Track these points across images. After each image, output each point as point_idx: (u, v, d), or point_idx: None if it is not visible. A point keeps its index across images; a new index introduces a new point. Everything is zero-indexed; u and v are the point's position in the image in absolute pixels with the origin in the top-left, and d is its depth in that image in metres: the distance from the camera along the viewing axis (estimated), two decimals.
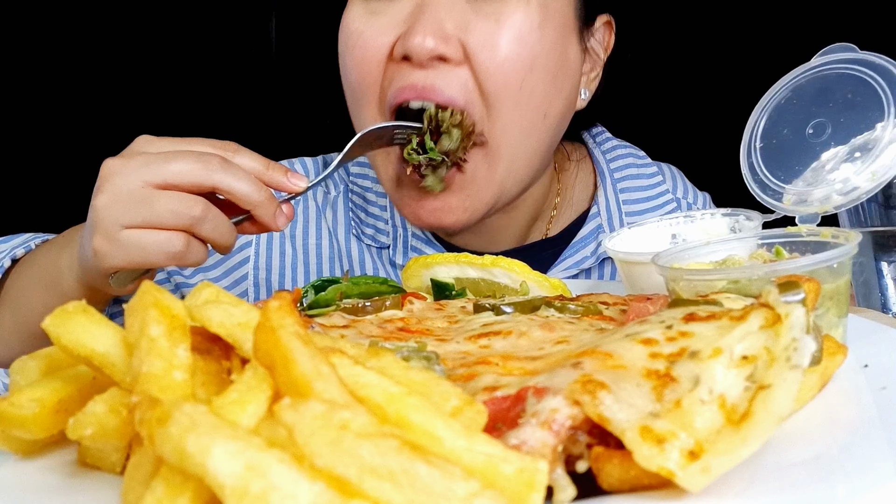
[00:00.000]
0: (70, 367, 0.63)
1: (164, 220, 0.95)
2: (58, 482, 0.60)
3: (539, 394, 0.54)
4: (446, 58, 1.16)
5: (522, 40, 1.19)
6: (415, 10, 1.18)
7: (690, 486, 0.49)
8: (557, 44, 1.24)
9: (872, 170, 0.94)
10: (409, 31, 1.16)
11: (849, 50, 1.01)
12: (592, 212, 1.52)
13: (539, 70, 1.21)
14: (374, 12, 1.22)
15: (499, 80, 1.18)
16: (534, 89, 1.22)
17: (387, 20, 1.20)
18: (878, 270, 1.20)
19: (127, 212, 0.95)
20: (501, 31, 1.18)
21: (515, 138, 1.24)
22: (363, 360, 0.54)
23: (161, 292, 0.57)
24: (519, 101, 1.21)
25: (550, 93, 1.25)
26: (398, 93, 1.19)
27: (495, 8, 1.19)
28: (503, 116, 1.21)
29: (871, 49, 1.00)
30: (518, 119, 1.22)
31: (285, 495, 0.40)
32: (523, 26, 1.19)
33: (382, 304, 0.87)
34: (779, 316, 0.58)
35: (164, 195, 0.95)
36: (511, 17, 1.19)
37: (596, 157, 1.59)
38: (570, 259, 1.48)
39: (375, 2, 1.22)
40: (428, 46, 1.15)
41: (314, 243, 1.49)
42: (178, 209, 0.95)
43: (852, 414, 0.63)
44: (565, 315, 0.80)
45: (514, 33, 1.19)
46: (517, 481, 0.45)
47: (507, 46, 1.18)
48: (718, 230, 1.08)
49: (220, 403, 0.49)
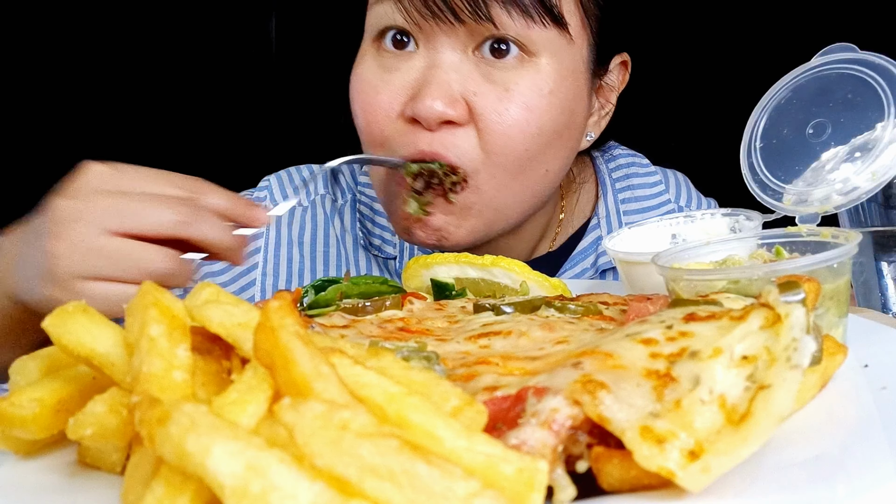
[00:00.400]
0: (70, 367, 0.63)
1: (128, 274, 0.89)
2: (58, 482, 0.60)
3: (539, 394, 0.54)
4: (453, 121, 1.18)
5: (530, 108, 1.19)
6: (425, 70, 1.20)
7: (690, 486, 0.49)
8: (566, 105, 1.24)
9: (872, 170, 0.94)
10: (419, 95, 1.17)
11: (849, 50, 1.01)
12: (592, 223, 1.53)
13: (545, 134, 1.22)
14: (387, 69, 1.24)
15: (503, 144, 1.19)
16: (537, 152, 1.22)
17: (399, 77, 1.22)
18: (878, 270, 1.20)
19: (87, 263, 0.89)
20: (510, 98, 1.18)
21: (510, 192, 1.25)
22: (363, 360, 0.54)
23: (161, 292, 0.57)
24: (520, 164, 1.22)
25: (555, 151, 1.26)
26: (403, 150, 1.21)
27: (505, 76, 1.19)
28: (500, 174, 1.22)
29: (871, 49, 1.00)
30: (516, 176, 1.23)
31: (285, 495, 0.40)
32: (532, 94, 1.19)
33: (382, 304, 0.87)
34: (779, 316, 0.57)
35: (129, 247, 0.89)
36: (520, 84, 1.19)
37: (598, 166, 1.59)
38: (571, 271, 1.49)
39: (389, 58, 1.24)
40: (437, 110, 1.16)
41: (322, 251, 1.50)
42: (144, 264, 0.89)
43: (852, 414, 0.63)
44: (565, 315, 0.80)
45: (522, 101, 1.19)
46: (517, 481, 0.45)
47: (515, 114, 1.18)
48: (718, 230, 1.08)
49: (220, 403, 0.49)
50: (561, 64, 1.21)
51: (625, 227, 1.13)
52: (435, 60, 1.19)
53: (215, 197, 0.97)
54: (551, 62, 1.20)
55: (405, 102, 1.21)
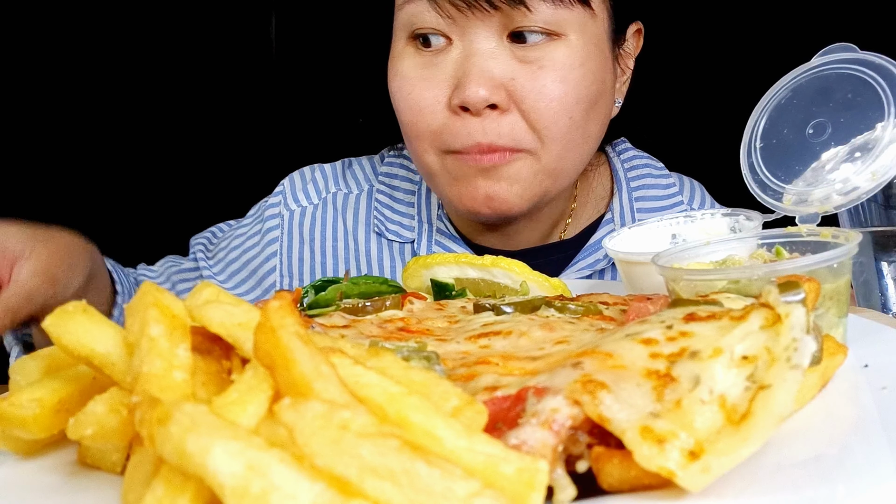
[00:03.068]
0: (70, 367, 0.63)
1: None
2: (58, 482, 0.60)
3: (539, 394, 0.54)
4: (497, 105, 1.25)
5: (567, 81, 1.27)
6: (463, 60, 1.27)
7: (690, 485, 0.49)
8: (597, 74, 1.32)
9: (872, 170, 0.94)
10: (463, 84, 1.24)
11: (849, 50, 1.01)
12: (606, 218, 1.58)
13: (584, 103, 1.30)
14: (426, 65, 1.30)
15: (548, 120, 1.27)
16: (579, 120, 1.30)
17: (439, 72, 1.29)
18: (878, 270, 1.20)
19: None
20: (546, 75, 1.26)
21: (564, 160, 1.34)
22: (363, 360, 0.54)
23: (161, 292, 0.57)
24: (567, 133, 1.30)
25: (592, 117, 1.34)
26: (458, 143, 1.29)
27: (538, 54, 1.26)
28: (555, 145, 1.30)
29: (871, 49, 1.00)
30: (566, 145, 1.31)
31: (285, 495, 0.40)
32: (566, 68, 1.27)
33: (382, 304, 0.87)
34: (779, 316, 0.57)
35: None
36: (554, 61, 1.26)
37: (615, 165, 1.64)
38: (583, 262, 1.53)
39: (427, 55, 1.30)
40: (482, 96, 1.23)
41: (331, 245, 1.56)
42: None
43: (852, 414, 0.62)
44: (565, 315, 0.80)
45: (557, 76, 1.26)
46: (517, 481, 0.45)
47: (553, 89, 1.26)
48: (718, 230, 1.08)
49: (220, 403, 0.49)
50: (587, 37, 1.29)
51: (625, 227, 1.14)
52: (471, 50, 1.26)
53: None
54: (578, 38, 1.28)
55: (449, 94, 1.28)
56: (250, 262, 1.59)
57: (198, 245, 1.65)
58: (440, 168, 1.34)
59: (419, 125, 1.32)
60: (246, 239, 1.60)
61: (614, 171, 1.64)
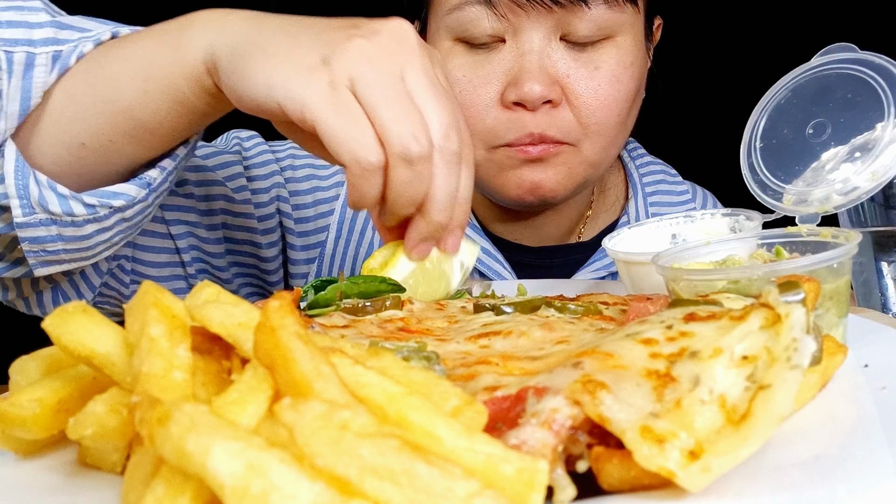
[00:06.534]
0: (70, 367, 0.63)
1: (368, 128, 0.82)
2: (58, 482, 0.60)
3: (539, 394, 0.54)
4: (552, 101, 1.29)
5: (619, 80, 1.32)
6: (517, 58, 1.30)
7: (690, 486, 0.49)
8: (642, 71, 1.39)
9: (872, 170, 0.94)
10: (520, 81, 1.27)
11: (849, 50, 1.01)
12: (622, 221, 1.62)
13: (629, 100, 1.36)
14: (477, 64, 1.33)
15: (599, 117, 1.33)
16: (625, 116, 1.38)
17: (491, 70, 1.31)
18: (878, 270, 1.20)
19: (367, 81, 0.81)
20: (600, 75, 1.31)
21: (605, 151, 1.40)
22: (363, 360, 0.54)
23: (161, 292, 0.57)
24: (612, 129, 1.36)
25: (633, 112, 1.41)
26: (511, 135, 1.32)
27: (591, 55, 1.31)
28: (600, 139, 1.35)
29: (871, 49, 1.00)
30: (610, 139, 1.38)
31: (286, 495, 0.40)
32: (617, 68, 1.32)
33: (382, 304, 0.87)
34: (779, 316, 0.57)
35: (407, 107, 0.83)
36: (608, 62, 1.31)
37: (629, 169, 1.68)
38: (599, 262, 1.56)
39: (481, 53, 1.33)
40: (540, 92, 1.26)
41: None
42: (394, 132, 0.82)
43: (852, 414, 0.62)
44: (565, 315, 0.80)
45: (610, 76, 1.31)
46: (517, 481, 0.45)
47: (606, 90, 1.31)
48: (718, 230, 1.08)
49: (220, 403, 0.49)
50: (633, 37, 1.34)
51: (625, 227, 1.14)
52: (525, 48, 1.29)
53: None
54: (627, 37, 1.33)
55: (501, 90, 1.31)
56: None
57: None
58: (485, 161, 1.37)
59: (474, 123, 1.33)
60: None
61: (629, 175, 1.67)
